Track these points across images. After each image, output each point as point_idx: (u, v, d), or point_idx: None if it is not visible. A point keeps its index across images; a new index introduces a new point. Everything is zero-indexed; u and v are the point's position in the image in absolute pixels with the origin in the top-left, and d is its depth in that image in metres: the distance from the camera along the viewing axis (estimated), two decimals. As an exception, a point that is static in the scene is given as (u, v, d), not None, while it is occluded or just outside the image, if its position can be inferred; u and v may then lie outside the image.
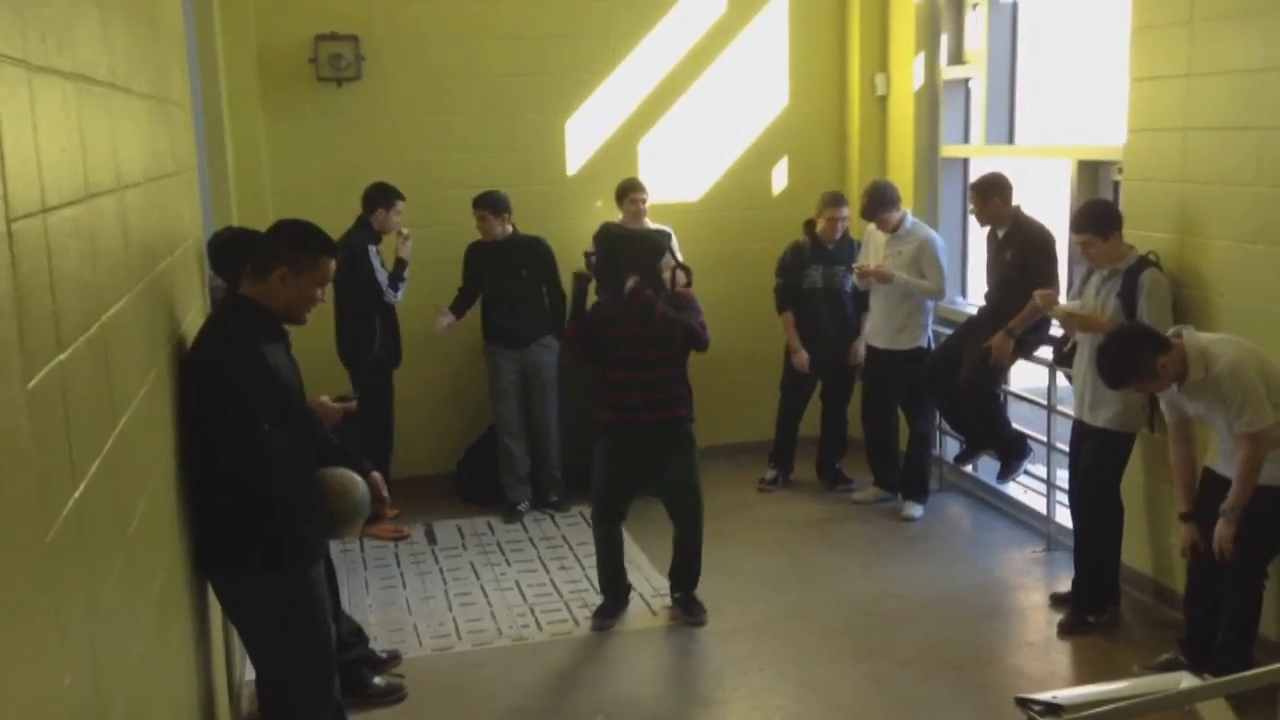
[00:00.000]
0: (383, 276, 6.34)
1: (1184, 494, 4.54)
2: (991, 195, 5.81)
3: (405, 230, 6.46)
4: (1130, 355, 4.33)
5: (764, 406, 7.27)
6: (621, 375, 5.07)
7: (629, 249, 5.09)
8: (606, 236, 5.23)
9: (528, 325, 6.62)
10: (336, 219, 6.34)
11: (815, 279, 6.79)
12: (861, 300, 6.80)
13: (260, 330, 3.35)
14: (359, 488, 3.67)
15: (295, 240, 3.44)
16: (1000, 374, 6.12)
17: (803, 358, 6.83)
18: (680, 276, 5.20)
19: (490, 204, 6.49)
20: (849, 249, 6.81)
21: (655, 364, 5.06)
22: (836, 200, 6.76)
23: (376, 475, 3.82)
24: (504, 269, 6.56)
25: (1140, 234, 5.09)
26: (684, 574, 5.36)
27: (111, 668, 2.00)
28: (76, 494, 1.85)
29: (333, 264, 3.49)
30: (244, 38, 6.51)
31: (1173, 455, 4.57)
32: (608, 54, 7.29)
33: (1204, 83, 4.76)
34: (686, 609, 5.34)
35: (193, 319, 3.70)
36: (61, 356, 1.81)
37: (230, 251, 4.29)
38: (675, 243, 6.66)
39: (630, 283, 4.99)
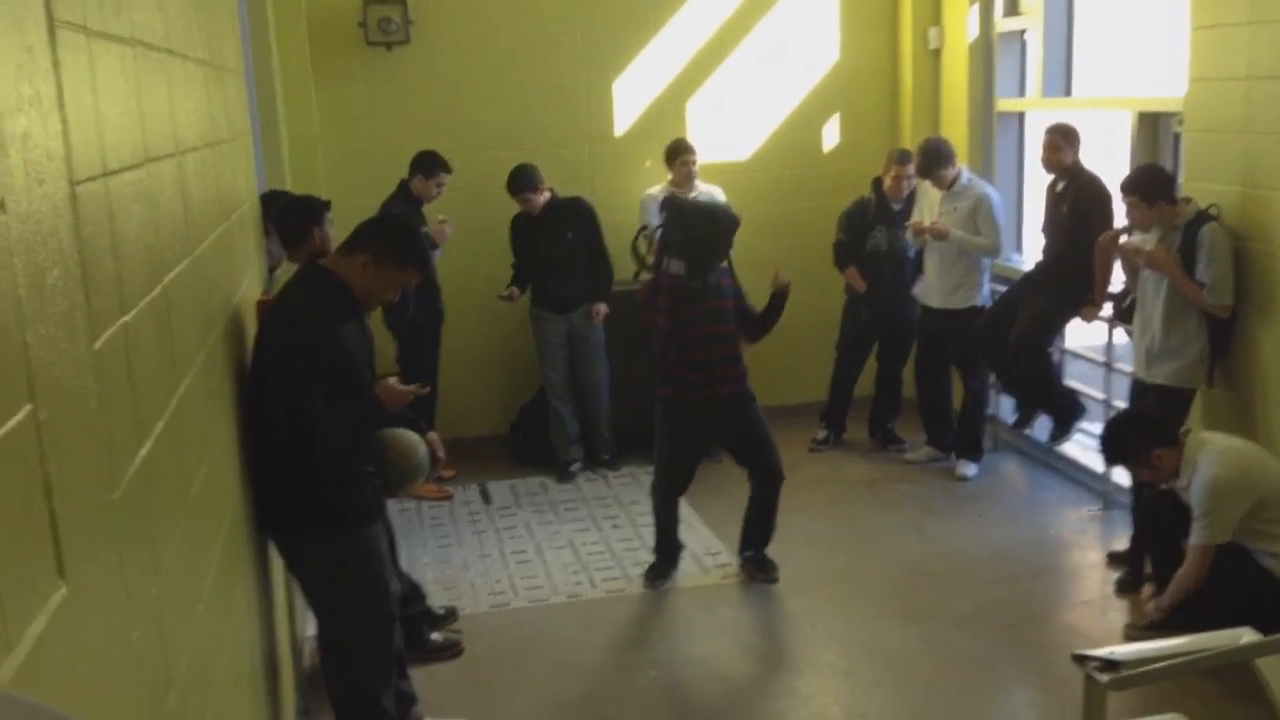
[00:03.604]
0: None
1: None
2: (1072, 142, 5.71)
3: (445, 218, 6.39)
4: (1128, 438, 4.51)
5: (815, 367, 7.23)
6: (697, 354, 5.04)
7: (707, 227, 5.02)
8: (681, 214, 5.13)
9: (575, 290, 6.62)
10: (388, 183, 6.41)
11: (879, 242, 6.72)
12: (919, 262, 6.73)
13: (337, 306, 3.39)
14: (420, 448, 3.73)
15: (389, 238, 3.49)
16: (1052, 334, 6.05)
17: (861, 283, 6.76)
18: (784, 277, 5.21)
19: (529, 184, 6.44)
20: (913, 212, 6.70)
21: (726, 339, 5.08)
22: (903, 158, 6.68)
23: (434, 436, 3.90)
24: (549, 235, 6.54)
25: (1202, 186, 4.98)
26: (759, 530, 5.35)
27: (177, 624, 2.05)
28: (142, 453, 1.89)
29: (415, 276, 3.56)
30: (294, 3, 6.52)
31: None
32: (656, 11, 7.23)
33: (1269, 30, 4.63)
34: (760, 566, 5.35)
35: (250, 283, 3.75)
36: (126, 318, 1.84)
37: (287, 218, 4.36)
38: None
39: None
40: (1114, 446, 4.61)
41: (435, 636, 4.71)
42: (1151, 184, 4.87)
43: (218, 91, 3.35)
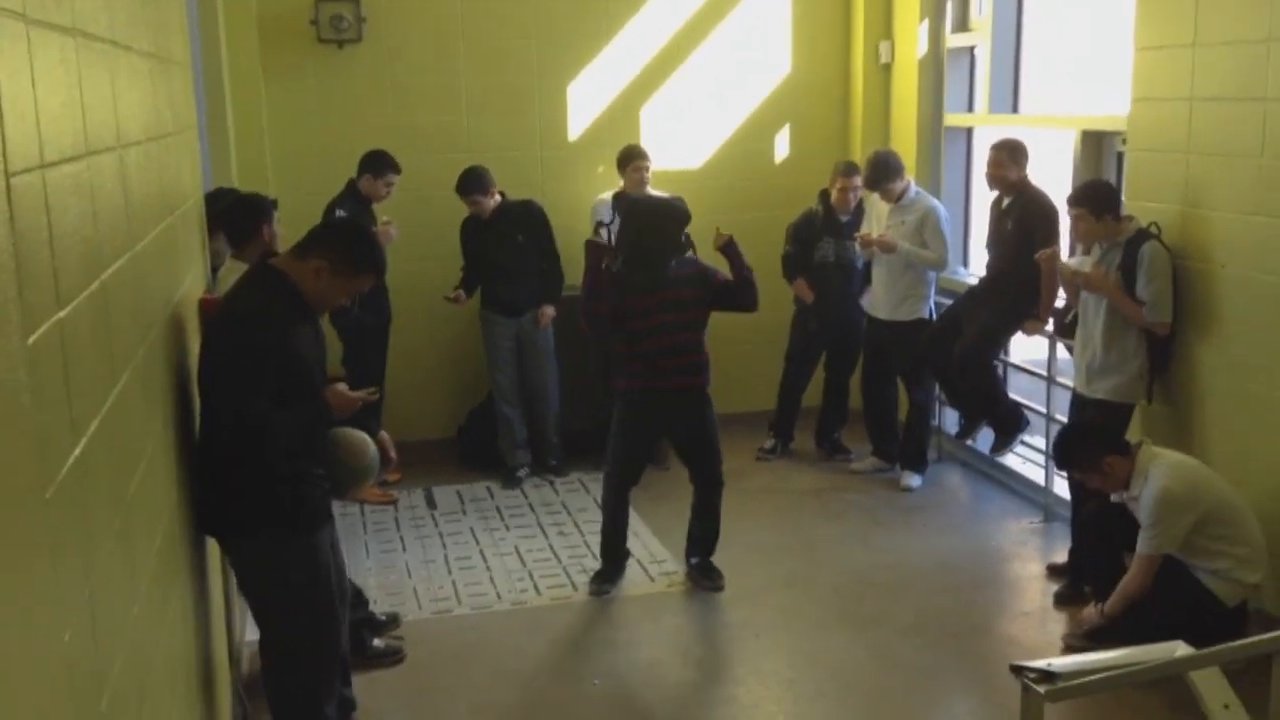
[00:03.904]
0: None
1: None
2: (1018, 159, 5.78)
3: (388, 220, 6.32)
4: (1080, 444, 4.59)
5: (763, 377, 7.26)
6: (649, 345, 5.04)
7: (653, 220, 5.05)
8: (629, 208, 5.19)
9: (525, 293, 6.59)
10: (337, 182, 6.35)
11: (827, 253, 6.77)
12: (867, 273, 6.78)
13: (289, 308, 3.34)
14: (370, 449, 3.69)
15: (344, 244, 3.44)
16: (996, 348, 6.12)
17: (809, 295, 6.80)
18: (722, 234, 5.22)
19: (478, 186, 6.40)
20: (861, 224, 6.76)
21: (683, 329, 5.06)
22: (849, 170, 6.72)
23: (385, 436, 3.88)
24: (498, 238, 6.50)
25: (1143, 205, 5.07)
26: (704, 537, 5.36)
27: (111, 625, 2.01)
28: (76, 452, 1.85)
29: (370, 283, 3.52)
30: (244, -2, 6.45)
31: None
32: (611, 17, 7.23)
33: (1210, 52, 4.73)
34: (705, 573, 5.35)
35: (192, 280, 3.69)
36: (61, 313, 1.80)
37: (234, 215, 4.30)
38: None
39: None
40: (1066, 452, 4.66)
41: (377, 643, 4.65)
42: (1098, 197, 4.95)
43: (163, 84, 3.30)
